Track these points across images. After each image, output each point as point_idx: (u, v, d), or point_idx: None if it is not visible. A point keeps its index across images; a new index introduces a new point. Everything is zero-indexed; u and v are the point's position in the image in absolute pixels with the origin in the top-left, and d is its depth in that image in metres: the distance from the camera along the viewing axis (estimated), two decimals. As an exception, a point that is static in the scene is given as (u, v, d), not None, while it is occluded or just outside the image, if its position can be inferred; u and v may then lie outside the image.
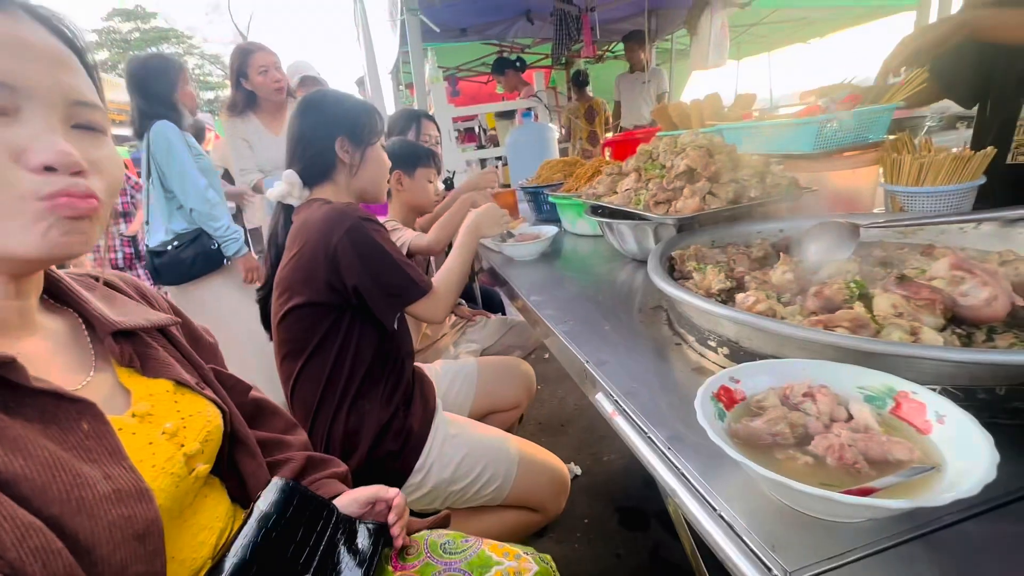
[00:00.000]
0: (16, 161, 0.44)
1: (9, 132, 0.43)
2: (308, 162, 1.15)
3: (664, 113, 1.61)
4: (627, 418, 0.62)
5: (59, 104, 0.47)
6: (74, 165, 0.46)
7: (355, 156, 1.15)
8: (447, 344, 1.84)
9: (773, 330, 0.56)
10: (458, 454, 1.11)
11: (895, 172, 0.99)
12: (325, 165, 1.14)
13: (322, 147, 1.13)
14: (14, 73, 0.44)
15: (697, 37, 4.36)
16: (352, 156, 1.15)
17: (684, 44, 5.65)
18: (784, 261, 0.78)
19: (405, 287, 1.06)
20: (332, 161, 1.14)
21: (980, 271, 0.57)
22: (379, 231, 1.06)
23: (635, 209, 1.11)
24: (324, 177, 1.16)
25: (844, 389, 0.50)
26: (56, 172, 0.45)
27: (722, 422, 0.48)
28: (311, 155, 1.14)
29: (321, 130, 1.13)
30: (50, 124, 0.46)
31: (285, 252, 1.11)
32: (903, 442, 0.42)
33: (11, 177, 0.43)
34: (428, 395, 1.21)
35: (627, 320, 0.93)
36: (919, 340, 0.53)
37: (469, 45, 5.87)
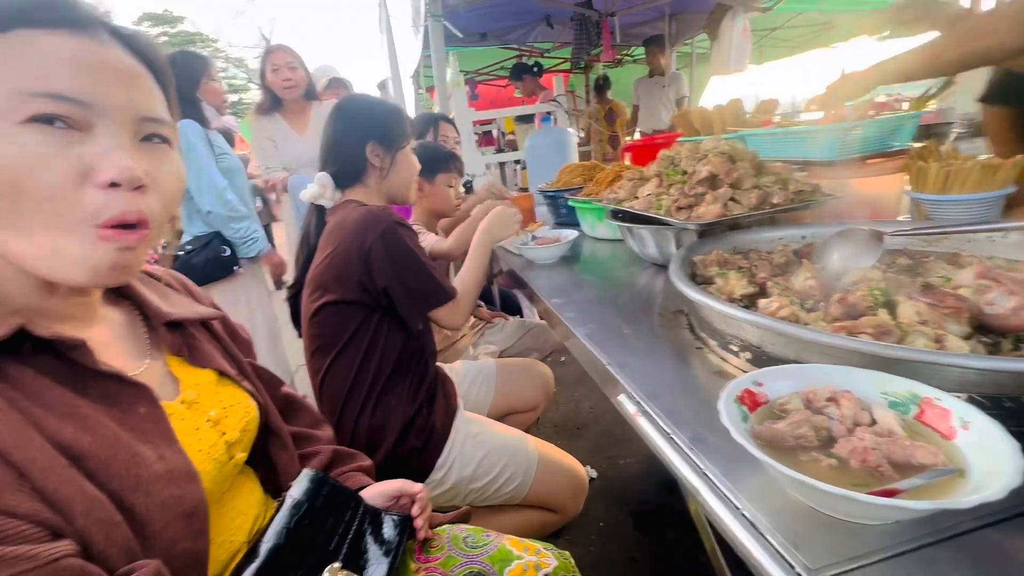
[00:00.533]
0: (84, 179, 0.46)
1: (81, 149, 0.46)
2: (340, 166, 1.19)
3: (686, 119, 1.61)
4: (650, 419, 0.63)
5: (128, 121, 0.49)
6: (135, 180, 0.48)
7: (385, 160, 1.19)
8: (466, 345, 1.87)
9: (796, 335, 0.56)
10: (479, 452, 1.13)
11: (921, 180, 0.98)
12: (356, 169, 1.18)
13: (354, 152, 1.17)
14: (92, 93, 0.46)
15: (718, 42, 4.34)
16: (383, 160, 1.18)
17: (704, 49, 5.63)
18: (807, 268, 0.79)
19: (431, 292, 1.10)
20: (363, 165, 1.18)
21: (1007, 280, 0.57)
22: (411, 236, 1.09)
23: (656, 214, 1.12)
24: (356, 180, 1.20)
25: (868, 395, 0.51)
26: (119, 188, 0.47)
27: (745, 424, 0.49)
28: (343, 159, 1.18)
29: (353, 135, 1.17)
30: (119, 140, 0.48)
31: (319, 251, 1.15)
32: (927, 446, 0.42)
33: (77, 196, 0.45)
34: (450, 394, 1.23)
35: (647, 324, 0.94)
36: (944, 348, 0.54)
37: (488, 49, 5.93)
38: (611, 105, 5.26)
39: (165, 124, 0.54)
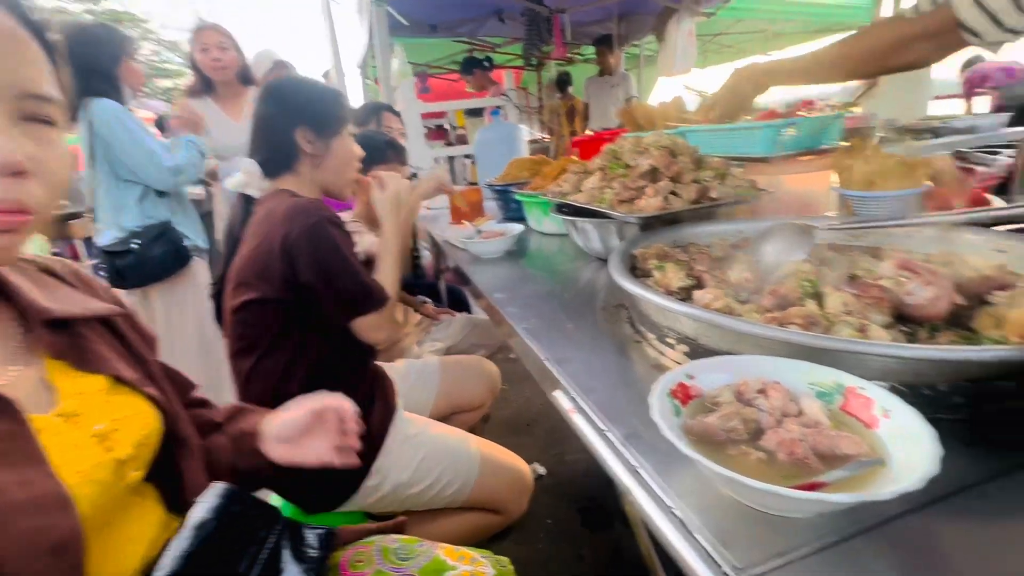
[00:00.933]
0: None
1: None
2: (268, 152, 1.10)
3: (630, 115, 1.62)
4: (584, 416, 0.61)
5: (7, 96, 0.44)
6: (12, 166, 0.42)
7: (318, 147, 1.10)
8: (410, 343, 1.81)
9: (728, 327, 0.56)
10: (417, 455, 1.08)
11: (847, 177, 1.02)
12: (286, 156, 1.09)
13: (282, 137, 1.08)
14: None
15: (665, 44, 4.45)
16: (315, 147, 1.10)
17: (652, 51, 5.78)
18: (742, 260, 0.79)
19: (360, 298, 1.03)
20: (293, 152, 1.09)
21: (924, 271, 0.59)
22: (343, 236, 1.02)
23: (599, 207, 1.11)
24: (286, 168, 1.11)
25: (796, 385, 0.50)
26: None
27: (678, 418, 0.48)
28: (271, 145, 1.09)
29: (281, 119, 1.08)
30: None
31: (243, 244, 1.06)
32: (851, 436, 0.42)
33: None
34: (388, 395, 1.18)
35: (590, 318, 0.93)
36: (867, 337, 0.54)
37: (440, 42, 5.81)
38: (572, 102, 5.30)
39: (52, 103, 0.47)
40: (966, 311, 0.59)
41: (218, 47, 2.19)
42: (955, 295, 0.57)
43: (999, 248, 0.80)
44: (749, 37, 6.64)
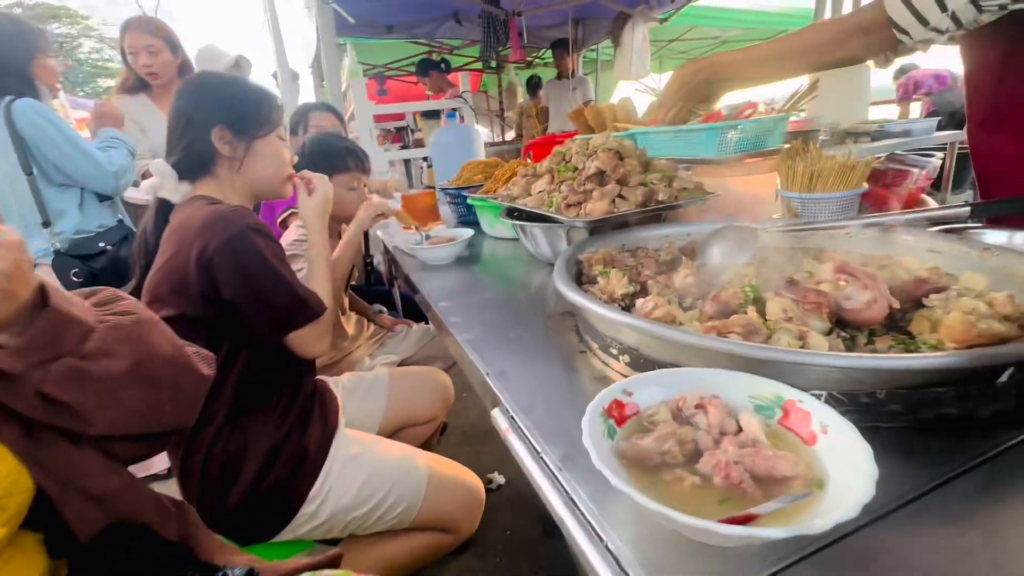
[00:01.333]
0: None
1: None
2: (182, 153, 1.01)
3: (580, 116, 1.60)
4: (520, 436, 0.57)
5: None
6: None
7: (238, 149, 1.02)
8: (362, 356, 1.72)
9: (668, 337, 0.53)
10: (360, 476, 1.02)
11: (790, 179, 1.03)
12: (201, 157, 1.01)
13: (198, 137, 1.00)
14: None
15: (621, 48, 4.52)
16: (234, 149, 1.02)
17: (609, 55, 5.87)
18: (686, 265, 0.77)
19: (292, 311, 0.95)
20: (209, 153, 1.01)
21: (861, 275, 0.58)
22: (269, 243, 0.94)
23: (547, 211, 1.07)
24: (202, 171, 1.03)
25: (736, 399, 0.48)
26: None
27: (611, 441, 0.44)
28: (184, 145, 1.01)
29: (196, 118, 1.00)
30: None
31: (158, 255, 0.97)
32: (788, 456, 0.39)
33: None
34: (329, 411, 1.10)
35: (537, 327, 0.89)
36: (807, 344, 0.53)
37: (398, 43, 5.71)
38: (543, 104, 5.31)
39: None
40: (903, 314, 0.58)
41: (147, 51, 2.03)
42: (891, 299, 0.56)
43: (933, 248, 0.81)
44: (701, 44, 6.85)
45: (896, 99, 4.51)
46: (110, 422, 0.58)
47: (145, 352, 0.62)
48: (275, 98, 1.10)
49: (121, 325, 0.61)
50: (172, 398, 0.63)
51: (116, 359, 0.59)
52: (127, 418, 0.60)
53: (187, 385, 0.65)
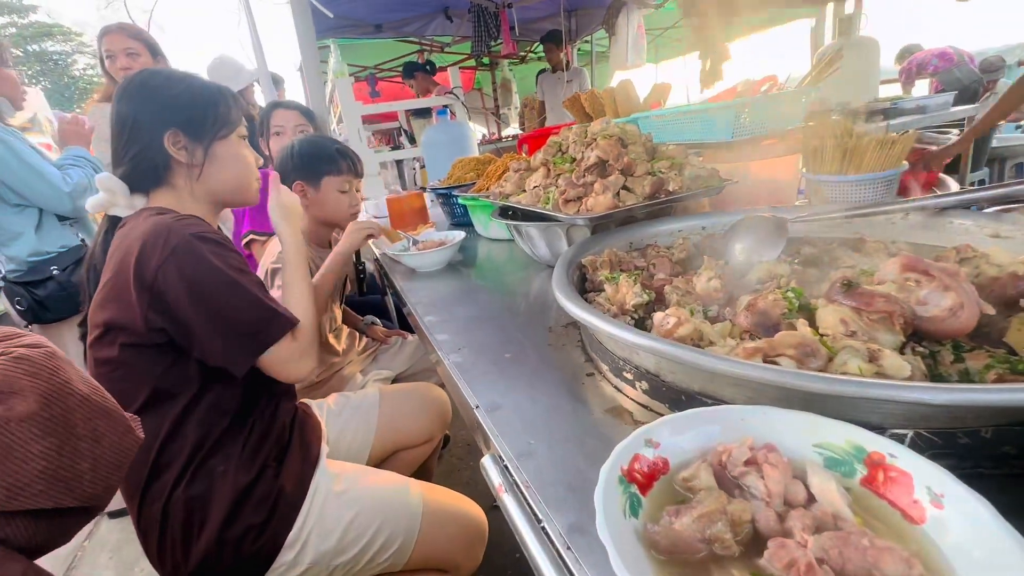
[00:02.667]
0: None
1: None
2: (131, 163, 0.89)
3: (577, 104, 1.48)
4: (517, 495, 0.45)
5: None
6: None
7: (195, 154, 0.90)
8: (353, 372, 1.60)
9: (702, 365, 0.41)
10: (345, 516, 0.90)
11: (818, 159, 0.90)
12: (154, 166, 0.89)
13: (148, 144, 0.88)
14: None
15: (616, 38, 4.38)
16: (191, 154, 0.90)
17: (603, 47, 5.72)
18: (709, 266, 0.65)
19: (258, 325, 0.82)
20: (163, 161, 0.89)
21: (938, 272, 0.46)
22: (221, 251, 0.81)
23: (544, 209, 0.95)
24: (157, 181, 0.91)
25: (796, 448, 0.36)
26: None
27: (637, 519, 0.32)
28: (134, 154, 0.89)
29: (144, 122, 0.88)
30: None
31: (102, 276, 0.86)
32: (894, 548, 0.27)
33: None
34: (311, 442, 0.99)
35: (536, 342, 0.77)
36: (881, 367, 0.41)
37: (387, 43, 5.59)
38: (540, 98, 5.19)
39: None
40: (996, 322, 0.46)
41: (126, 54, 1.93)
42: (983, 303, 0.43)
43: (998, 233, 0.69)
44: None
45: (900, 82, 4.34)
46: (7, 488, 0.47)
47: (58, 389, 0.51)
48: (231, 95, 0.98)
49: (27, 357, 0.50)
50: (91, 451, 0.52)
51: (22, 398, 0.48)
52: (32, 481, 0.48)
53: (108, 435, 0.54)
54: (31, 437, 0.49)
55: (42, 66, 20.96)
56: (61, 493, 0.50)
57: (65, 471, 0.51)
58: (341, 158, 1.38)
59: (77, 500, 0.51)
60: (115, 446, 0.55)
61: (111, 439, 0.55)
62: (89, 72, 21.45)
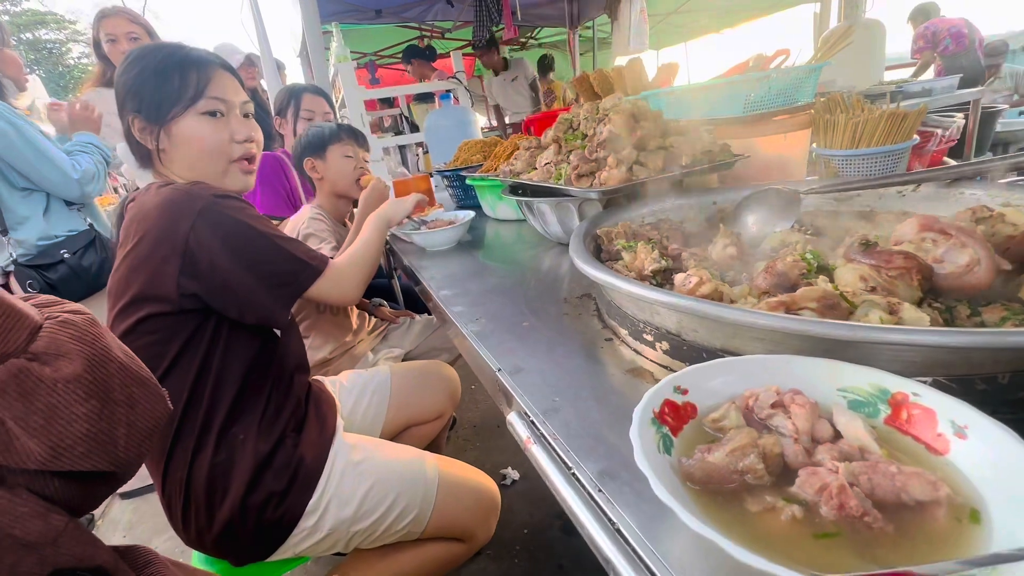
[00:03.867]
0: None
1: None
2: (130, 146, 0.91)
3: (585, 83, 1.48)
4: (545, 447, 0.46)
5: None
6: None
7: (157, 137, 0.87)
8: (364, 351, 1.62)
9: (727, 318, 0.42)
10: (363, 485, 0.92)
11: (828, 135, 0.91)
12: (136, 150, 0.91)
13: (126, 131, 0.90)
14: None
15: (618, 23, 4.33)
16: (152, 138, 0.87)
17: (605, 32, 5.67)
18: (725, 234, 0.67)
19: (294, 271, 0.88)
20: (141, 148, 0.90)
21: (955, 231, 0.47)
22: (243, 207, 0.84)
23: (556, 184, 0.96)
24: (147, 164, 0.92)
25: (822, 393, 0.37)
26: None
27: (670, 456, 0.34)
28: (127, 139, 0.91)
29: (120, 107, 0.89)
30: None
31: (119, 250, 0.87)
32: (920, 472, 0.29)
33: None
34: (326, 415, 1.01)
35: (551, 313, 0.78)
36: (900, 319, 0.42)
37: (387, 29, 5.54)
38: (551, 85, 5.17)
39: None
40: (1011, 278, 0.47)
41: (129, 38, 1.93)
42: (999, 260, 0.45)
43: (1010, 203, 0.70)
44: (700, 16, 6.61)
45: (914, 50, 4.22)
46: (52, 448, 0.48)
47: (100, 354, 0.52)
48: (191, 63, 0.87)
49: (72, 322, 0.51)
50: (126, 417, 0.53)
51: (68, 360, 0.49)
52: (76, 442, 0.49)
53: (142, 402, 0.55)
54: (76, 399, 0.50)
55: (36, 55, 20.73)
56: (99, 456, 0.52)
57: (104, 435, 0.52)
58: (342, 130, 1.48)
59: (112, 464, 0.52)
60: (148, 414, 0.56)
61: (144, 406, 0.56)
62: (84, 61, 21.20)
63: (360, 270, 1.02)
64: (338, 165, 1.46)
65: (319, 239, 1.38)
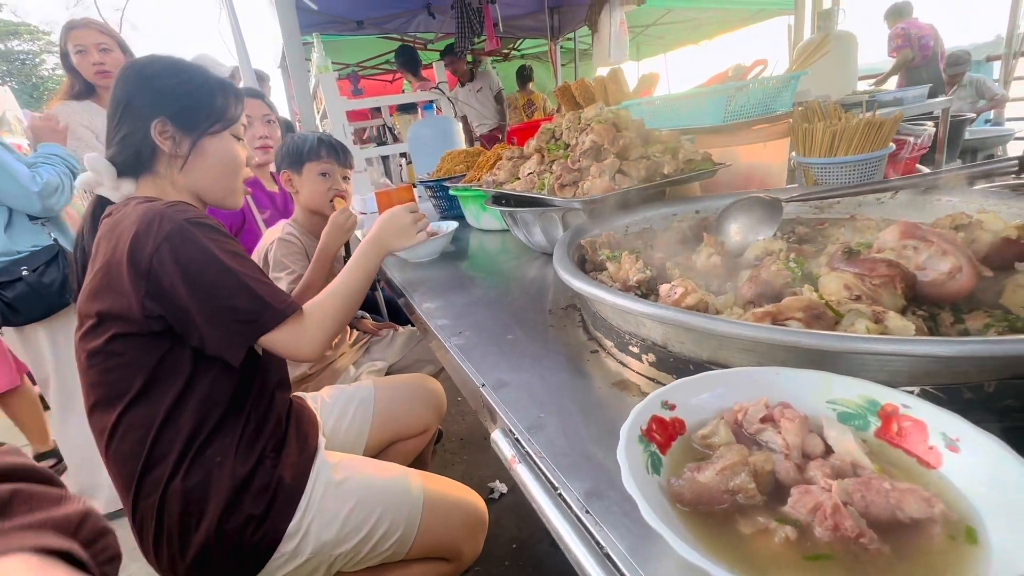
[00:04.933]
0: None
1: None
2: (119, 146, 0.88)
3: (567, 93, 1.48)
4: (530, 465, 0.45)
5: None
6: None
7: (182, 145, 0.88)
8: (346, 365, 1.59)
9: (714, 330, 0.41)
10: (346, 505, 0.89)
11: (807, 143, 0.92)
12: (138, 152, 0.87)
13: (135, 128, 0.87)
14: None
15: (598, 34, 4.40)
16: (177, 145, 0.88)
17: (586, 44, 5.75)
18: (709, 242, 0.66)
19: (256, 311, 0.80)
20: (148, 148, 0.87)
21: (936, 238, 0.47)
22: (217, 237, 0.80)
23: (539, 194, 0.96)
24: (141, 167, 0.89)
25: (810, 405, 0.37)
26: None
27: (659, 476, 0.32)
28: (121, 137, 0.87)
29: (135, 106, 0.86)
30: None
31: (89, 266, 0.84)
32: (914, 489, 0.28)
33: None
34: (307, 433, 0.98)
35: (536, 325, 0.77)
36: (886, 328, 0.42)
37: (370, 40, 5.54)
38: (531, 96, 5.20)
39: None
40: (991, 284, 0.47)
41: (98, 49, 1.89)
42: (980, 266, 0.45)
43: (983, 209, 0.71)
44: (679, 27, 6.75)
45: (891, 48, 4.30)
46: None
47: None
48: (234, 90, 0.95)
49: None
50: None
51: None
52: None
53: None
54: None
55: (8, 66, 20.30)
56: None
57: None
58: (321, 145, 1.43)
59: None
60: None
61: None
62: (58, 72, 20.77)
63: (332, 324, 0.89)
64: (313, 183, 1.41)
65: (282, 267, 1.34)
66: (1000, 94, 4.57)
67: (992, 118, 4.64)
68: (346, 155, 1.48)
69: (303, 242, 1.42)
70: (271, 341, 0.83)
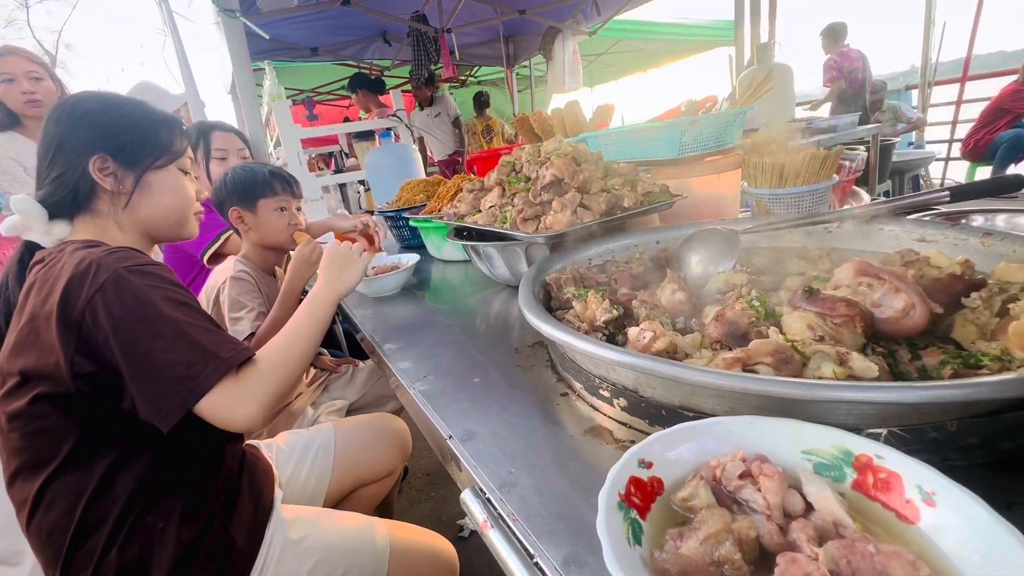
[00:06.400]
0: None
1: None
2: (52, 186, 0.81)
3: (525, 124, 1.50)
4: (504, 529, 0.42)
5: None
6: None
7: (124, 182, 0.83)
8: (303, 406, 1.51)
9: (687, 379, 0.40)
10: (305, 566, 0.83)
11: (757, 175, 0.96)
12: (75, 192, 0.81)
13: (69, 167, 0.80)
14: None
15: (553, 62, 4.54)
16: (119, 182, 0.82)
17: (541, 71, 5.92)
18: (672, 279, 0.67)
19: (194, 363, 0.70)
20: (86, 186, 0.81)
21: (888, 276, 0.49)
22: (158, 286, 0.73)
23: (501, 228, 0.95)
24: (78, 208, 0.83)
25: (786, 456, 0.36)
26: None
27: (640, 547, 0.31)
28: (55, 177, 0.81)
29: (70, 144, 0.80)
30: None
31: (14, 318, 0.76)
32: (898, 551, 0.27)
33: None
34: (262, 488, 0.91)
35: (503, 366, 0.75)
36: (851, 368, 0.42)
37: (325, 66, 5.51)
38: (489, 122, 5.25)
39: None
40: (942, 319, 0.49)
41: (28, 77, 1.80)
42: (931, 303, 0.46)
43: (924, 238, 0.75)
44: (628, 56, 7.07)
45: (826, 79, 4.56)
46: None
47: None
48: (177, 123, 0.91)
49: None
50: None
51: None
52: None
53: None
54: None
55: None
56: None
57: None
58: (275, 179, 1.37)
59: None
60: None
61: None
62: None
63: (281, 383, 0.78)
64: (270, 220, 1.35)
65: (240, 306, 1.27)
66: (917, 118, 4.98)
67: (914, 141, 5.05)
68: (297, 186, 1.44)
69: (256, 279, 1.35)
70: (209, 404, 0.71)
